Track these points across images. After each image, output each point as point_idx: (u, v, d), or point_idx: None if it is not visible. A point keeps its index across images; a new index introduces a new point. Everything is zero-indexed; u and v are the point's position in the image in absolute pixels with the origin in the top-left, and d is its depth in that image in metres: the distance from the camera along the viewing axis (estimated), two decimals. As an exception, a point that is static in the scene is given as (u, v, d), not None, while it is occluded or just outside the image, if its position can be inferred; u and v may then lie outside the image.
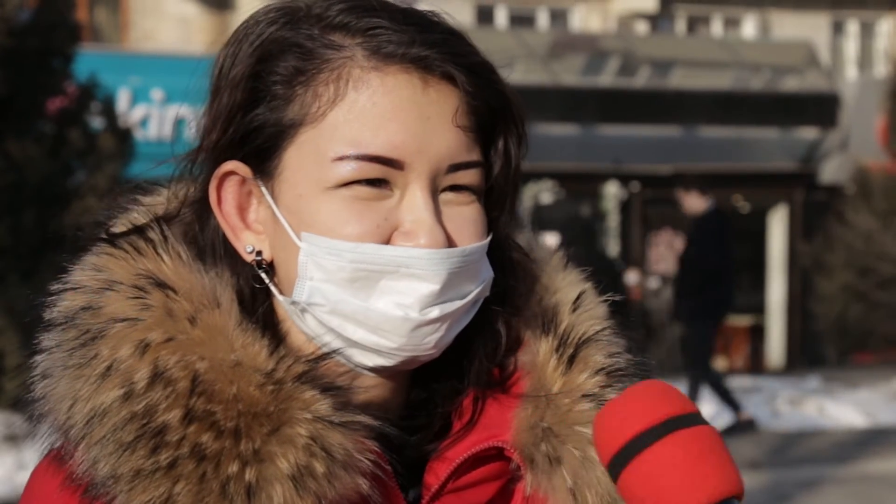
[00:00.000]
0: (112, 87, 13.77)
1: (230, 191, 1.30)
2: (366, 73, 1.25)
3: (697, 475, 1.12)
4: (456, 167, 1.27)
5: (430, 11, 1.31)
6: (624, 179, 19.90)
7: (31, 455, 10.89)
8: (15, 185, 11.61)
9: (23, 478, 10.49)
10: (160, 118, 17.38)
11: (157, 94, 17.41)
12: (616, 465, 1.16)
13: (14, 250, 11.65)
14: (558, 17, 22.28)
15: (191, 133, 1.34)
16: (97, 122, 12.60)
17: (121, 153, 12.38)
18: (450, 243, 1.26)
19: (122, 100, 16.73)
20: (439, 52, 1.26)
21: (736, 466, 1.14)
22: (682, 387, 15.85)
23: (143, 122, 17.27)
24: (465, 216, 1.29)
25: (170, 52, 18.30)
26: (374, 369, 1.29)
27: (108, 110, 12.66)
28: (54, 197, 11.81)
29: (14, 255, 11.63)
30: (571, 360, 1.34)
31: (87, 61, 12.90)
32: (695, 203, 12.19)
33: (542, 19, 22.07)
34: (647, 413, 1.15)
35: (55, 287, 1.28)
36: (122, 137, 12.53)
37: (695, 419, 1.15)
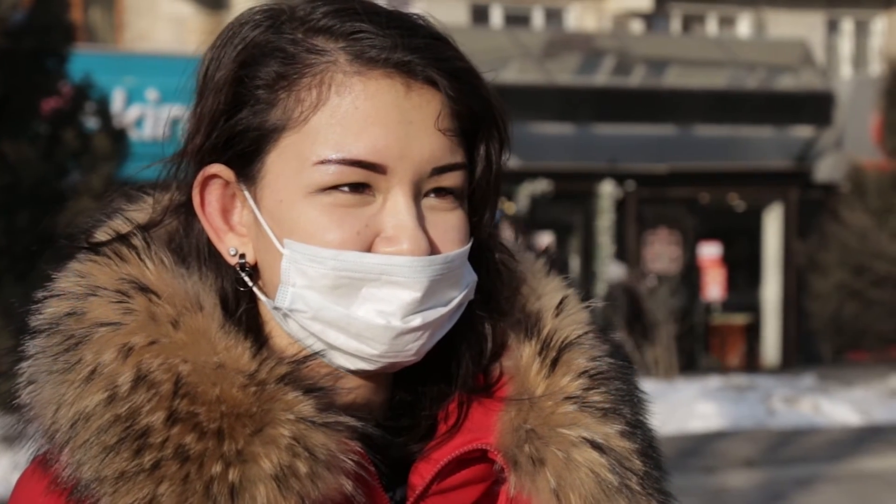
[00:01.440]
0: (107, 87, 13.78)
1: (214, 194, 1.31)
2: (348, 78, 1.25)
3: None
4: (439, 170, 1.27)
5: (416, 15, 1.31)
6: (619, 178, 19.90)
7: (27, 456, 10.89)
8: (9, 185, 11.61)
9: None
10: (155, 118, 17.37)
11: (151, 94, 17.41)
12: None
13: (9, 251, 11.64)
14: (553, 16, 22.29)
15: (181, 133, 1.35)
16: (92, 123, 12.60)
17: (115, 153, 12.39)
18: (432, 249, 1.27)
19: (117, 100, 16.73)
20: (422, 57, 1.26)
21: None
22: (675, 386, 15.90)
23: (138, 123, 17.27)
24: (448, 222, 1.29)
25: (164, 52, 18.30)
26: (355, 372, 1.30)
27: (103, 111, 12.67)
28: (49, 198, 11.81)
29: (9, 256, 11.62)
30: (554, 364, 1.34)
31: (82, 62, 12.89)
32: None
33: (537, 18, 22.08)
34: None
35: (40, 294, 1.28)
36: (117, 138, 12.53)
37: None
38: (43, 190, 11.78)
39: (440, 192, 1.29)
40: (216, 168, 1.29)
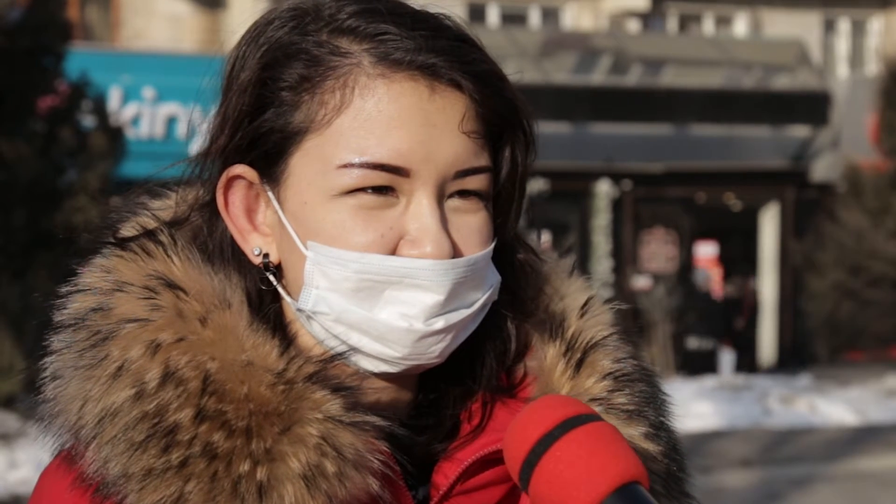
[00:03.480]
0: (103, 85, 13.77)
1: (238, 194, 1.30)
2: (372, 81, 1.24)
3: (596, 465, 1.15)
4: (463, 173, 1.27)
5: (442, 15, 1.30)
6: (615, 178, 19.91)
7: (24, 454, 10.87)
8: (6, 184, 11.60)
9: (15, 477, 10.46)
10: (151, 116, 17.36)
11: (148, 92, 17.39)
12: (524, 476, 1.18)
13: (5, 249, 11.64)
14: (550, 15, 22.30)
15: (186, 131, 1.33)
16: (88, 121, 12.61)
17: (112, 151, 12.40)
18: (455, 251, 1.26)
19: (114, 98, 16.71)
20: (446, 60, 1.25)
21: (635, 454, 1.17)
22: (671, 385, 15.91)
23: (135, 121, 17.25)
24: (471, 225, 1.28)
25: (161, 50, 18.28)
26: (379, 374, 1.29)
27: (100, 109, 12.68)
28: (45, 196, 11.81)
29: (5, 254, 11.61)
30: (579, 365, 1.34)
31: (79, 60, 12.89)
32: None
33: (534, 18, 22.08)
34: (543, 420, 1.18)
35: (65, 289, 1.27)
36: (114, 136, 12.54)
37: (589, 417, 1.18)
38: (39, 188, 11.78)
39: (464, 193, 1.28)
40: (240, 169, 1.29)
